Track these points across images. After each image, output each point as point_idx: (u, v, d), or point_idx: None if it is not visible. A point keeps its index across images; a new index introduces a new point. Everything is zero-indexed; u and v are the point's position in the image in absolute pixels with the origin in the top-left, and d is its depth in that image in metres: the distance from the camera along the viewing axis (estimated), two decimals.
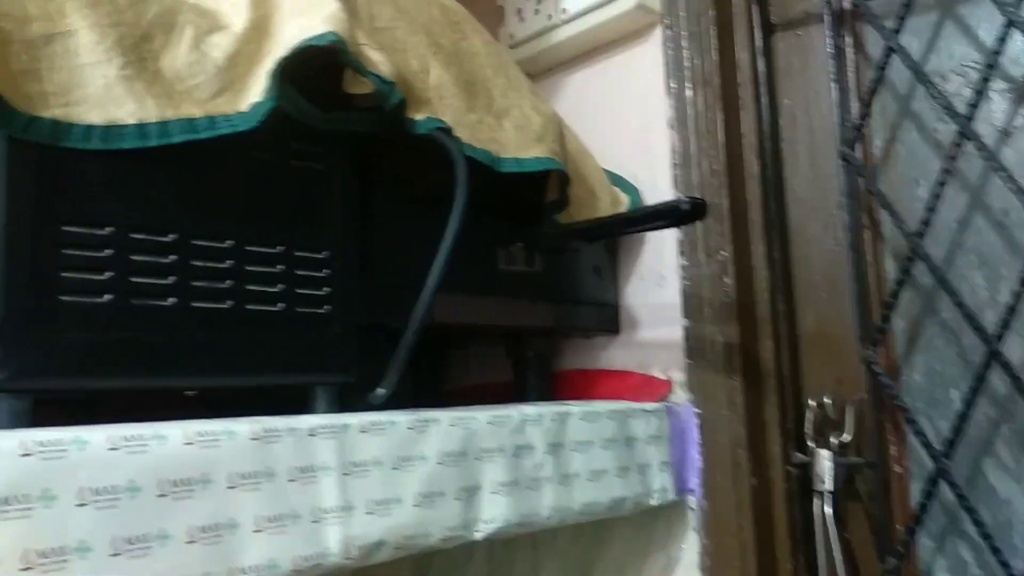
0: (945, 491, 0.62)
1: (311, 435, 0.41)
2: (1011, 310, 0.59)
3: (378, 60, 0.49)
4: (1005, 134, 0.66)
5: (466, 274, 0.62)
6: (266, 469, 0.39)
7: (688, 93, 0.72)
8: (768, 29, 0.76)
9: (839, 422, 0.69)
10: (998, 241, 0.66)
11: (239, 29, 0.43)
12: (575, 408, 0.58)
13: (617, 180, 0.75)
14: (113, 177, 0.39)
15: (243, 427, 0.39)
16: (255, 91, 0.43)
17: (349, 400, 0.48)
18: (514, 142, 0.59)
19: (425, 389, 0.85)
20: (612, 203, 0.73)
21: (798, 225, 0.74)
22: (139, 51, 0.40)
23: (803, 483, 0.69)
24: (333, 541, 0.41)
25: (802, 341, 0.73)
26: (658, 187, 0.74)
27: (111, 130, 0.38)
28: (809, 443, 0.69)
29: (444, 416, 0.48)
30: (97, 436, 0.33)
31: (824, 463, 0.67)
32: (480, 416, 0.50)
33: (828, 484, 0.66)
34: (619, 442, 0.61)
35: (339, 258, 0.48)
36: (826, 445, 0.68)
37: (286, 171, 0.46)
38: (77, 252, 0.38)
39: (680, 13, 0.74)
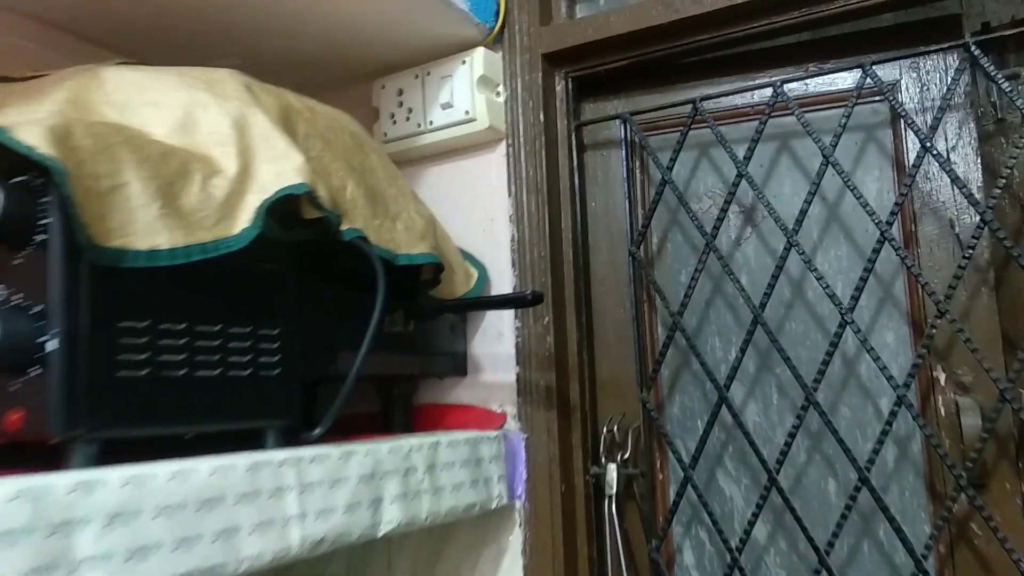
0: (691, 492, 0.90)
1: (280, 465, 0.59)
2: (735, 369, 0.88)
3: (323, 189, 0.67)
4: (737, 243, 0.96)
5: (361, 335, 0.81)
6: (255, 490, 0.56)
7: (524, 196, 0.96)
8: (581, 149, 1.02)
9: (623, 444, 0.95)
10: (730, 317, 0.95)
11: (231, 173, 0.60)
12: (443, 438, 0.79)
13: (468, 257, 0.97)
14: (150, 285, 0.55)
15: (241, 460, 0.56)
16: (242, 219, 0.60)
17: (292, 437, 0.66)
18: (405, 241, 0.79)
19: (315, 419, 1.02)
20: (465, 277, 0.94)
21: (599, 299, 1.00)
22: (167, 194, 0.55)
23: (597, 489, 0.95)
24: (295, 539, 0.58)
25: (600, 384, 0.99)
26: (500, 266, 0.97)
27: (151, 253, 0.53)
28: (602, 459, 0.95)
29: (360, 448, 0.67)
30: (162, 469, 0.50)
31: (612, 473, 0.92)
32: (383, 447, 0.70)
33: (613, 488, 0.92)
34: (472, 462, 0.82)
35: (287, 333, 0.66)
36: (613, 460, 0.94)
37: (256, 273, 0.63)
38: (127, 340, 0.53)
39: (519, 134, 0.97)
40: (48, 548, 0.43)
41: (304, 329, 0.68)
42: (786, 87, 0.90)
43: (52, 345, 0.49)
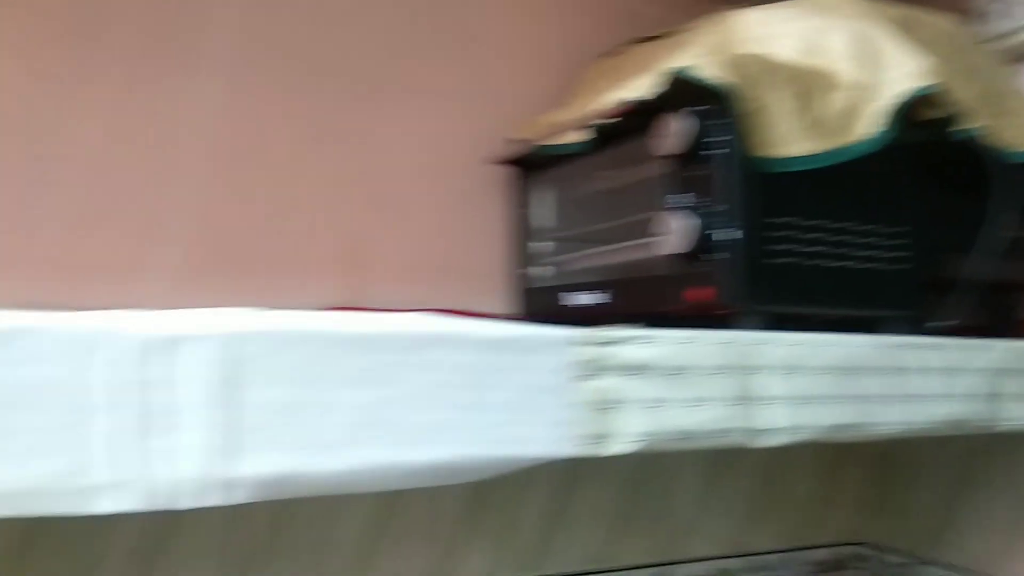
0: None
1: (902, 347, 0.65)
2: None
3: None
4: None
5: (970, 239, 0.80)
6: (881, 366, 0.63)
7: None
8: None
9: None
10: None
11: (855, 83, 0.67)
12: None
13: None
14: (786, 188, 0.66)
15: (870, 340, 0.63)
16: (867, 124, 0.66)
17: (907, 328, 0.71)
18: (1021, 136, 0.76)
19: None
20: None
21: None
22: (800, 111, 0.65)
23: None
24: (918, 415, 0.64)
25: None
26: None
27: (787, 161, 0.64)
28: None
29: (975, 343, 0.68)
30: (819, 338, 0.60)
31: None
32: (999, 344, 0.69)
33: None
34: None
35: (910, 232, 0.72)
36: None
37: (876, 175, 0.70)
38: (773, 233, 0.65)
39: None
40: (737, 383, 0.57)
41: (922, 229, 0.73)
42: None
43: (735, 235, 0.63)
